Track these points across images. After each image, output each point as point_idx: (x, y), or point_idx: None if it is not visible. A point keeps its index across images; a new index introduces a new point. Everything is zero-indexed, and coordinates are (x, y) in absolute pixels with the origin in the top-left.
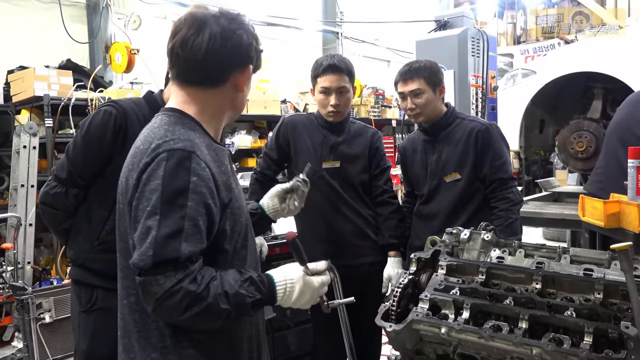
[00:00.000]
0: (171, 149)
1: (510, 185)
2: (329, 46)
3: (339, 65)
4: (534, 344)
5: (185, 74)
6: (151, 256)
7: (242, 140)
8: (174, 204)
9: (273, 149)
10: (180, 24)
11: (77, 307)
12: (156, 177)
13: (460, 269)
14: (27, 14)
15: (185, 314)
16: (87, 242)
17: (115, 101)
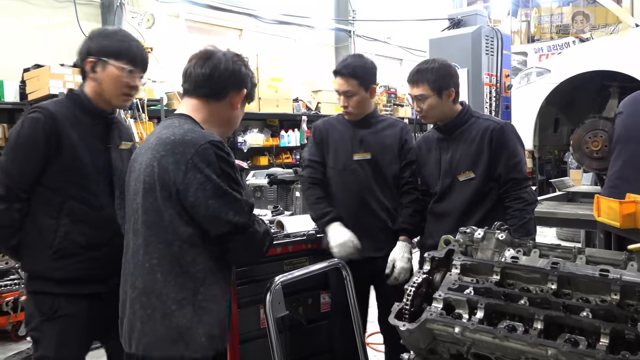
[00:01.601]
0: (210, 140)
1: (524, 185)
2: (341, 44)
3: (342, 70)
4: (550, 345)
5: (195, 87)
6: (247, 212)
7: (254, 138)
8: (232, 177)
9: (314, 153)
10: (196, 54)
11: (37, 317)
12: (212, 162)
13: (474, 268)
14: (43, 13)
15: (265, 247)
16: (41, 252)
17: (39, 106)
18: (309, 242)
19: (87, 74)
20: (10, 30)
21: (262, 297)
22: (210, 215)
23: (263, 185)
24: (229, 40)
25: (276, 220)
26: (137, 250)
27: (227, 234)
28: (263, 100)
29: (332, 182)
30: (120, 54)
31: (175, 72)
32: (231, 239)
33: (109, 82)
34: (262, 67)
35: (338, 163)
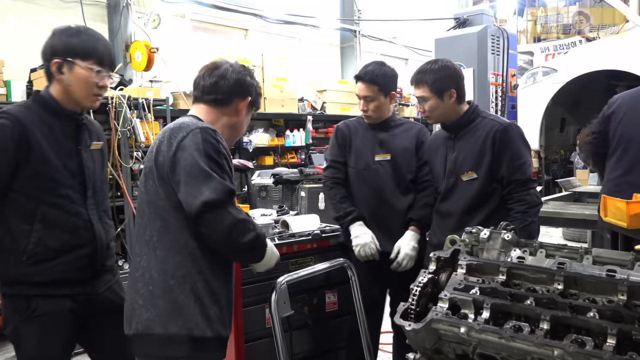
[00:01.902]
0: (202, 126)
1: (527, 187)
2: (346, 44)
3: (362, 76)
4: (556, 345)
5: (202, 94)
6: (222, 189)
7: (259, 138)
8: (215, 161)
9: (337, 154)
10: (205, 66)
11: (15, 321)
12: (197, 144)
13: (480, 268)
14: (50, 13)
15: (245, 238)
16: (15, 258)
17: (5, 112)
18: (314, 241)
19: (53, 75)
20: (18, 30)
21: (267, 297)
22: (186, 192)
23: (268, 185)
24: (234, 40)
25: (281, 220)
26: (141, 230)
27: (199, 214)
28: (268, 100)
29: (353, 182)
30: (87, 54)
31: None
32: (202, 219)
33: (77, 83)
34: (267, 67)
35: (360, 163)
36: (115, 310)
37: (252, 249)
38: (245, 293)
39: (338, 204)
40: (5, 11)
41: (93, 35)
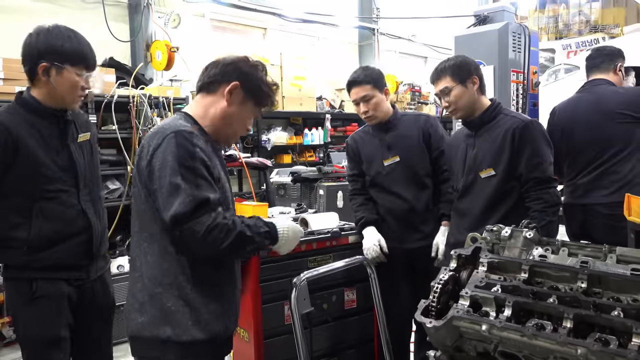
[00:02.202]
0: (176, 129)
1: (546, 186)
2: (365, 42)
3: (356, 78)
4: (580, 344)
5: (200, 86)
6: (191, 201)
7: (277, 137)
8: (188, 167)
9: (351, 167)
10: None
11: (16, 302)
12: (170, 150)
13: (502, 266)
14: (72, 14)
15: (224, 242)
16: (15, 249)
17: None
18: (333, 239)
19: (36, 77)
20: None
21: (286, 294)
22: (159, 203)
23: (287, 183)
24: (253, 39)
25: (300, 218)
26: (135, 234)
27: (172, 228)
28: (287, 98)
29: (372, 188)
30: (75, 59)
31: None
32: (175, 232)
33: (65, 86)
34: (286, 65)
35: (372, 172)
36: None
37: (236, 249)
38: (264, 290)
39: (354, 212)
40: (27, 13)
41: (79, 40)
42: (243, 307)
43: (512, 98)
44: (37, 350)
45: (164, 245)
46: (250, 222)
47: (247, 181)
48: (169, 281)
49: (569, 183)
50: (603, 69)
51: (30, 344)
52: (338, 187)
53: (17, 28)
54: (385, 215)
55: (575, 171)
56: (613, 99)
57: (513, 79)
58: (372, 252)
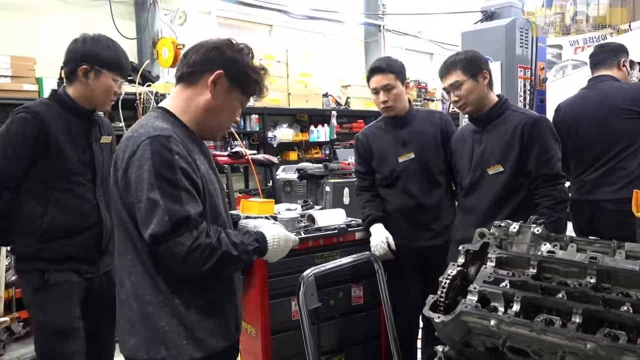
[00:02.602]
0: (151, 135)
1: (555, 182)
2: (370, 39)
3: (380, 66)
4: (589, 339)
5: (179, 76)
6: (168, 220)
7: (283, 133)
8: (167, 179)
9: (360, 164)
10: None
11: (29, 290)
12: (145, 160)
13: (510, 261)
14: (79, 11)
15: (207, 264)
16: (29, 236)
17: (27, 107)
18: (340, 235)
19: (75, 77)
20: (48, 28)
21: (293, 290)
22: (138, 218)
23: (293, 180)
24: (259, 36)
25: (307, 214)
26: (118, 251)
27: (151, 246)
28: (292, 95)
29: (383, 187)
30: (113, 66)
31: None
32: (154, 251)
33: (101, 90)
34: (291, 62)
35: (384, 170)
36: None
37: (220, 270)
38: (272, 286)
39: (361, 209)
40: (36, 10)
41: (117, 49)
42: (250, 302)
43: (520, 94)
44: (46, 337)
45: (148, 265)
46: (237, 240)
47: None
48: (159, 299)
49: (576, 180)
50: (607, 65)
51: (41, 331)
52: (344, 183)
53: (23, 26)
54: (394, 213)
55: (582, 168)
56: (618, 95)
57: (520, 75)
58: (379, 249)
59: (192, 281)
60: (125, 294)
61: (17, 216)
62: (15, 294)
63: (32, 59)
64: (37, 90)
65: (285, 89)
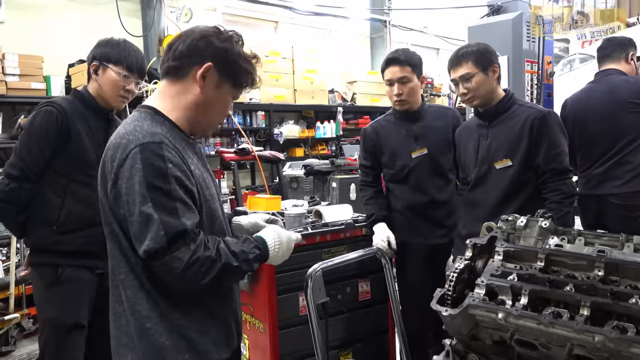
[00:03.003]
0: (141, 143)
1: (564, 177)
2: (376, 35)
3: (398, 57)
4: (597, 331)
5: (165, 69)
6: (164, 235)
7: (290, 130)
8: (160, 190)
9: (366, 158)
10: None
11: (42, 284)
12: (136, 170)
13: (517, 255)
14: (86, 9)
15: (205, 278)
16: (45, 228)
17: (52, 101)
18: (347, 230)
19: (91, 76)
20: (56, 27)
21: (301, 285)
22: (131, 232)
23: (299, 176)
24: (265, 33)
25: (314, 210)
26: (110, 264)
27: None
28: (298, 91)
29: (392, 181)
30: (119, 61)
31: None
32: (151, 266)
33: (107, 83)
34: (297, 58)
35: (396, 165)
36: None
37: (220, 282)
38: (279, 281)
39: (364, 205)
40: (43, 8)
41: (128, 47)
42: (258, 298)
43: (527, 88)
44: (54, 334)
45: (144, 279)
46: (237, 249)
47: (260, 174)
48: (157, 314)
49: (583, 174)
50: (615, 59)
51: (49, 327)
52: (351, 179)
53: (31, 25)
54: (406, 210)
55: (589, 162)
56: (625, 89)
57: (527, 69)
58: (383, 245)
59: (191, 293)
60: (121, 307)
61: (36, 207)
62: (26, 290)
63: (39, 58)
64: (45, 88)
65: (291, 85)
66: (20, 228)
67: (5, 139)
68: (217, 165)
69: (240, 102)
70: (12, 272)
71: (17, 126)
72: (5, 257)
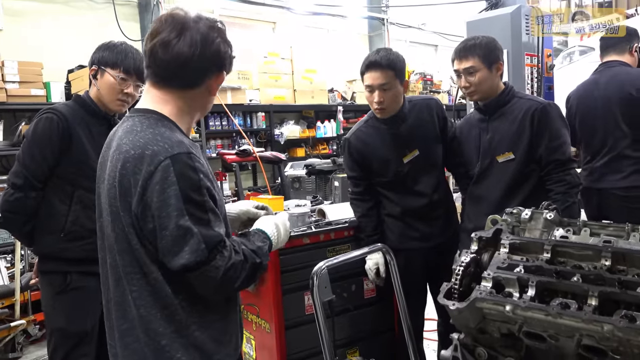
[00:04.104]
0: (172, 155)
1: (568, 167)
2: (374, 33)
3: (379, 61)
4: (606, 321)
5: (164, 75)
6: (205, 249)
7: (290, 130)
8: (196, 202)
9: (353, 169)
10: (161, 25)
11: (50, 292)
12: (170, 183)
13: (523, 247)
14: (84, 14)
15: (238, 280)
16: (53, 235)
17: (53, 107)
18: (351, 228)
19: (91, 80)
20: (54, 33)
21: (306, 284)
22: (162, 247)
23: (301, 176)
24: (263, 34)
25: (317, 209)
26: (115, 281)
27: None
28: (298, 92)
29: (385, 189)
30: (115, 64)
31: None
32: (186, 277)
33: (105, 87)
34: (296, 59)
35: (389, 172)
36: None
37: (248, 282)
38: (284, 281)
39: (360, 221)
40: (41, 14)
41: (125, 49)
42: (264, 298)
43: (527, 82)
44: (63, 343)
45: (170, 292)
46: (254, 247)
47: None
48: (172, 329)
49: (586, 166)
50: (619, 50)
51: (57, 336)
52: None
53: (29, 32)
54: (404, 215)
55: (591, 155)
56: (628, 81)
57: (527, 63)
58: (371, 274)
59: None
60: (128, 324)
61: (43, 215)
62: (31, 297)
63: (39, 64)
64: (44, 94)
65: (290, 85)
66: (27, 237)
67: (6, 146)
68: (218, 167)
69: (240, 104)
70: (17, 279)
71: (19, 133)
72: (10, 264)
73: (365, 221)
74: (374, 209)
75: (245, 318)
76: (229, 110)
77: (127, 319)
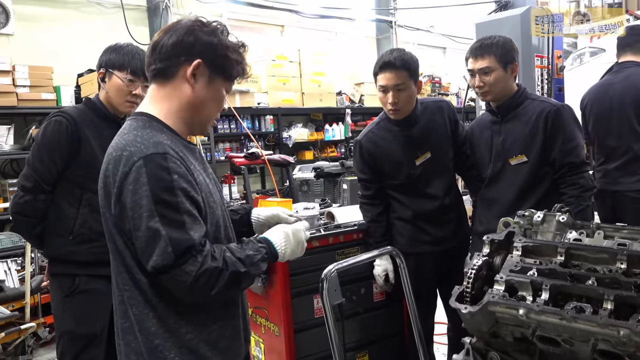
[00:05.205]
0: (145, 155)
1: (581, 170)
2: (382, 36)
3: (393, 62)
4: (622, 325)
5: (148, 70)
6: (172, 252)
7: (298, 133)
8: (167, 203)
9: (364, 171)
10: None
11: (59, 295)
12: (141, 184)
13: (536, 250)
14: (93, 19)
15: (215, 288)
16: (62, 238)
17: (62, 110)
18: (360, 231)
19: (99, 83)
20: (64, 37)
21: (315, 288)
22: (137, 247)
23: (309, 179)
24: (271, 37)
25: (326, 212)
26: (114, 280)
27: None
28: (306, 94)
29: (396, 192)
30: (122, 66)
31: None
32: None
33: (113, 90)
34: (304, 62)
35: (401, 174)
36: None
37: (229, 290)
38: (293, 284)
39: (369, 225)
40: (52, 20)
41: (132, 50)
42: (272, 301)
43: (537, 83)
44: (71, 346)
45: (149, 295)
46: (242, 255)
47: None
48: (164, 329)
49: (600, 168)
50: (636, 50)
51: (66, 339)
52: None
53: (40, 36)
54: (415, 219)
55: (605, 156)
56: None
57: (537, 64)
58: (379, 280)
59: (198, 305)
60: (128, 322)
61: (52, 218)
62: (41, 300)
63: (49, 68)
64: (55, 98)
65: (298, 88)
66: (38, 239)
67: (17, 149)
68: (227, 170)
69: (248, 107)
70: (27, 282)
71: (29, 137)
72: (20, 267)
73: (375, 226)
74: (383, 214)
75: (254, 321)
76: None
77: (127, 318)
